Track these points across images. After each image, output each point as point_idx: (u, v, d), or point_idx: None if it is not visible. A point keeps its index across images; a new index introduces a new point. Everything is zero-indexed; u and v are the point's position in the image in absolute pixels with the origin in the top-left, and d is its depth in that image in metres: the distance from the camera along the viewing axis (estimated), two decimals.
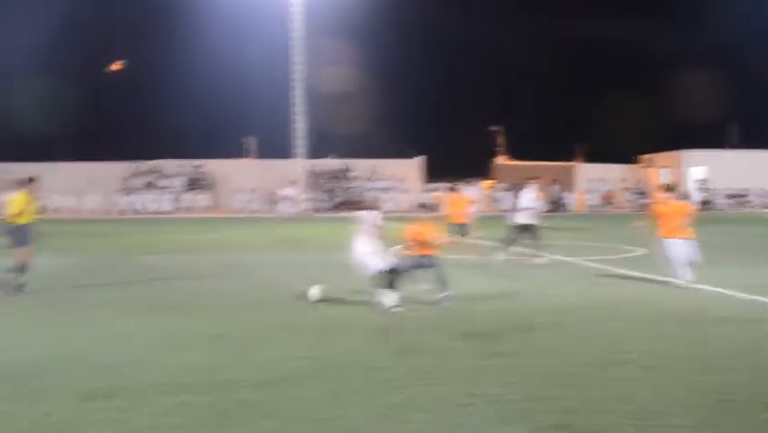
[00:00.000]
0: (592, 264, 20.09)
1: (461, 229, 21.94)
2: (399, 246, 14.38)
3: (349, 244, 14.02)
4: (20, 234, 15.85)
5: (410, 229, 13.80)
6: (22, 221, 15.91)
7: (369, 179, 58.56)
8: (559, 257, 20.87)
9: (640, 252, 22.66)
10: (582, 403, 7.81)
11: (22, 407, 7.77)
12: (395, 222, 14.43)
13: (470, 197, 24.37)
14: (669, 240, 15.63)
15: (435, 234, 13.87)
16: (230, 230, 36.60)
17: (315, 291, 14.30)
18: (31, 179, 16.48)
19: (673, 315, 12.71)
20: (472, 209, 23.59)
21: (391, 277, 13.39)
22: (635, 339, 10.91)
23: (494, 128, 73.37)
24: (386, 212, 14.56)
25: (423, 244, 13.65)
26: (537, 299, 14.45)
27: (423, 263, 13.68)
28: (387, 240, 14.22)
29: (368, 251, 13.64)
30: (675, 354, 9.94)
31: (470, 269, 18.72)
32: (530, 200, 20.92)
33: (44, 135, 61.74)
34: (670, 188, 16.87)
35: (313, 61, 53.18)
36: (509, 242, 20.92)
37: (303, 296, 14.28)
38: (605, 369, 9.19)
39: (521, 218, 20.77)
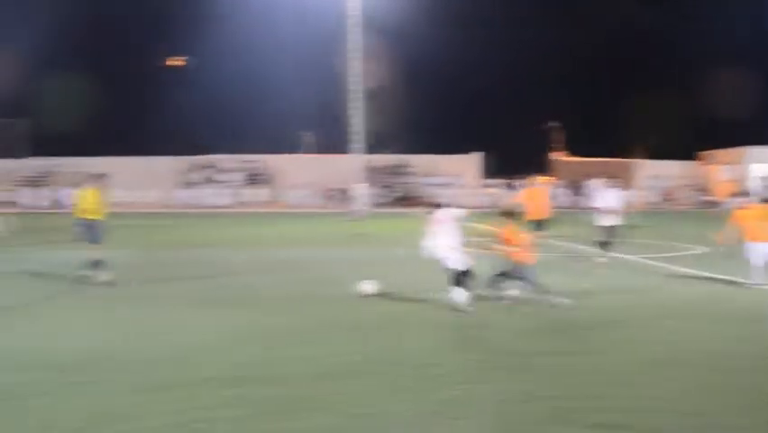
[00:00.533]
0: (652, 262, 19.79)
1: (540, 226, 21.17)
2: (486, 247, 14.02)
3: (414, 239, 13.96)
4: (92, 230, 16.04)
5: (502, 233, 13.42)
6: (92, 217, 16.11)
7: (426, 175, 58.49)
8: (619, 255, 20.60)
9: (700, 250, 22.28)
10: (639, 403, 7.70)
11: (83, 397, 7.92)
12: (476, 221, 14.18)
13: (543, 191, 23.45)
14: (753, 243, 15.31)
15: (525, 238, 13.57)
16: (288, 225, 36.84)
17: (367, 287, 14.28)
18: (100, 176, 16.68)
19: (734, 315, 12.48)
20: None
21: (465, 277, 13.07)
22: (694, 339, 10.73)
23: (551, 124, 72.74)
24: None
25: (515, 248, 13.29)
26: (596, 298, 14.27)
27: (515, 269, 13.30)
28: (472, 239, 13.92)
29: (450, 247, 13.14)
30: (734, 355, 9.77)
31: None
32: (615, 199, 20.49)
33: (105, 130, 62.82)
34: (765, 200, 16.48)
35: (370, 56, 53.24)
36: (607, 243, 20.45)
37: (357, 291, 14.29)
38: (663, 368, 9.05)
39: (608, 219, 20.33)
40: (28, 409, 7.52)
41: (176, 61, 70.87)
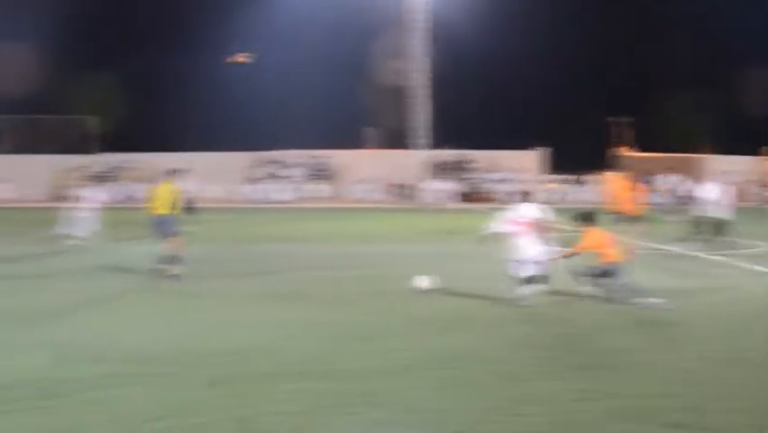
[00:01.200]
0: (718, 258, 19.52)
1: (631, 220, 20.75)
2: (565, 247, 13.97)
3: (481, 235, 14.00)
4: (167, 225, 16.26)
5: (592, 236, 13.18)
6: (167, 212, 16.30)
7: (488, 171, 58.27)
8: (683, 251, 20.35)
9: (764, 247, 21.90)
10: (702, 402, 7.66)
11: (154, 389, 8.12)
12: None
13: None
14: None
15: (610, 237, 13.43)
16: (351, 220, 36.98)
17: (422, 282, 14.30)
18: (174, 171, 16.94)
19: None
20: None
21: (538, 274, 12.98)
22: (761, 337, 10.61)
23: (618, 119, 71.85)
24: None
25: (605, 250, 13.10)
26: (661, 295, 14.12)
27: (606, 271, 13.09)
28: (551, 236, 13.92)
29: (530, 244, 12.96)
30: None
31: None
32: (718, 194, 20.22)
33: (172, 127, 63.69)
34: None
35: (432, 51, 53.21)
36: (710, 237, 20.21)
37: (413, 286, 14.36)
38: (727, 367, 8.99)
39: (715, 213, 20.04)
40: (106, 399, 7.74)
41: (239, 58, 71.62)
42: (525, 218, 13.19)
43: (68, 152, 58.92)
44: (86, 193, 23.95)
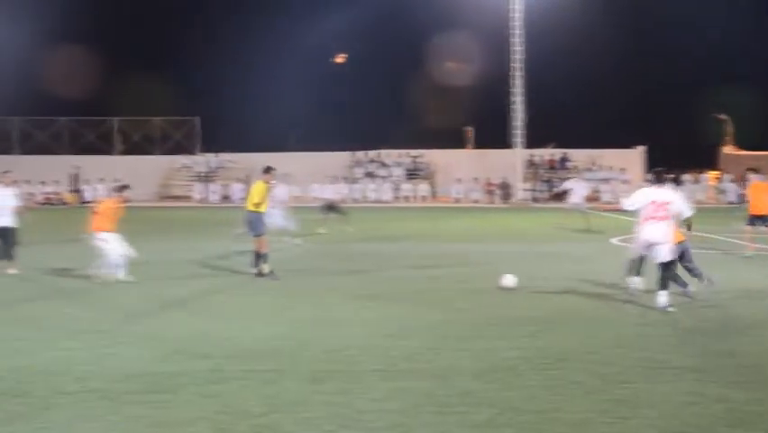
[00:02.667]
0: None
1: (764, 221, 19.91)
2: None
3: (580, 233, 13.88)
4: (259, 223, 16.45)
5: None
6: (261, 210, 16.51)
7: (588, 170, 57.40)
8: None
9: None
10: None
11: (255, 385, 8.27)
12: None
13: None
14: None
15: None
16: (449, 219, 36.94)
17: (508, 280, 14.19)
18: (268, 169, 17.20)
19: None
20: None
21: (670, 267, 12.49)
22: None
23: (721, 116, 69.85)
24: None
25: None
26: None
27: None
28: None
29: (664, 233, 12.32)
30: None
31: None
32: None
33: (273, 127, 64.65)
34: None
35: (532, 49, 52.77)
36: None
37: (521, 286, 14.26)
38: None
39: None
40: (214, 394, 7.92)
41: (339, 58, 72.29)
42: (659, 202, 12.42)
43: (174, 152, 60.45)
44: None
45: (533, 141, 55.31)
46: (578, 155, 57.97)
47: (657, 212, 12.30)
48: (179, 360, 9.34)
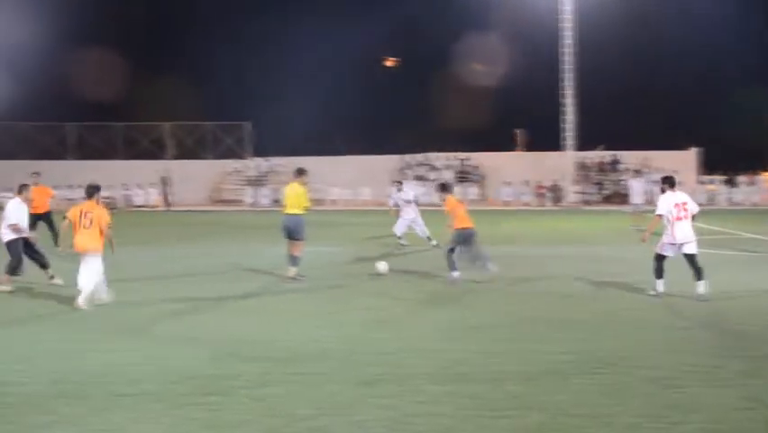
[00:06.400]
0: None
1: None
2: None
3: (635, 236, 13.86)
4: (295, 226, 16.43)
5: None
6: (295, 212, 16.46)
7: (640, 172, 56.76)
8: None
9: None
10: None
11: (304, 388, 8.34)
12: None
13: None
14: None
15: None
16: (499, 222, 36.79)
17: (381, 267, 15.77)
18: (302, 171, 17.12)
19: None
20: None
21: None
22: None
23: None
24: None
25: None
26: None
27: None
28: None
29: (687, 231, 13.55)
30: None
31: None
32: None
33: (321, 130, 64.94)
34: None
35: (583, 49, 52.35)
36: None
37: (575, 289, 14.18)
38: None
39: None
40: (265, 397, 8.01)
41: (388, 62, 72.38)
42: (680, 203, 13.52)
43: (225, 156, 61.05)
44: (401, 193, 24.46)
45: (583, 143, 54.89)
46: (629, 157, 57.35)
47: (681, 212, 13.47)
48: (229, 363, 9.45)
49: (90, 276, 13.04)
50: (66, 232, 13.63)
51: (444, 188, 17.13)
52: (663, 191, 13.92)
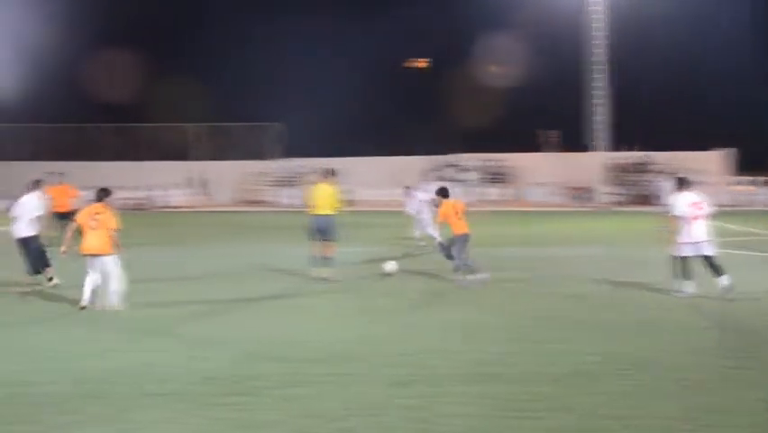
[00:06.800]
0: None
1: None
2: None
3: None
4: (326, 227, 16.42)
5: None
6: (326, 213, 16.47)
7: (669, 173, 56.29)
8: None
9: None
10: None
11: (333, 388, 8.37)
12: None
13: None
14: None
15: None
16: (528, 223, 36.66)
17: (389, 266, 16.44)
18: (330, 171, 17.11)
19: None
20: None
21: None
22: None
23: None
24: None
25: None
26: None
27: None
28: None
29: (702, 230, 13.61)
30: None
31: None
32: None
33: (350, 131, 65.08)
34: None
35: (615, 49, 52.09)
36: None
37: (600, 290, 14.06)
38: None
39: None
40: (294, 397, 8.04)
41: (419, 63, 72.38)
42: (696, 202, 13.62)
43: (253, 157, 61.24)
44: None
45: (615, 143, 54.56)
46: (661, 158, 56.88)
47: (697, 211, 13.56)
48: (257, 363, 9.49)
49: (117, 277, 13.05)
50: (71, 234, 13.59)
51: (443, 192, 17.01)
52: (677, 192, 13.91)
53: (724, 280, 13.29)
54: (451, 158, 59.86)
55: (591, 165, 53.04)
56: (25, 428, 7.29)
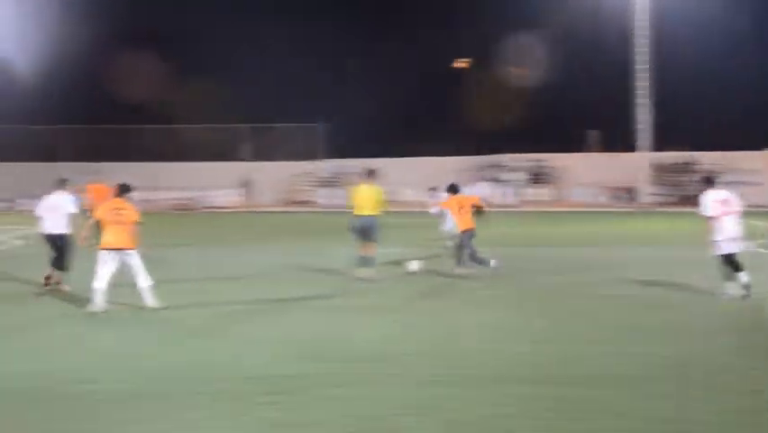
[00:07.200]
0: None
1: None
2: None
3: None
4: (370, 227, 16.52)
5: None
6: (369, 213, 16.55)
7: (717, 173, 55.70)
8: None
9: None
10: None
11: (376, 388, 8.41)
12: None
13: None
14: None
15: None
16: (572, 224, 36.52)
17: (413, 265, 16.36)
18: (371, 172, 17.23)
19: None
20: None
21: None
22: None
23: None
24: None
25: None
26: None
27: None
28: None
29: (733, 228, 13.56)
30: None
31: None
32: None
33: (395, 132, 65.16)
34: None
35: (659, 48, 51.58)
36: None
37: (647, 292, 14.06)
38: None
39: None
40: (334, 397, 8.10)
41: (461, 63, 72.16)
42: (726, 199, 13.62)
43: (298, 158, 61.57)
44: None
45: (662, 143, 54.04)
46: (708, 158, 56.28)
47: (726, 207, 13.56)
48: (301, 362, 9.57)
49: (143, 272, 13.10)
50: (90, 230, 13.78)
51: (452, 188, 17.63)
52: (704, 191, 13.92)
53: (746, 277, 13.32)
54: (494, 158, 59.78)
55: (636, 165, 52.60)
56: (84, 426, 7.44)
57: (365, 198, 16.72)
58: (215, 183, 57.60)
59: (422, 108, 67.26)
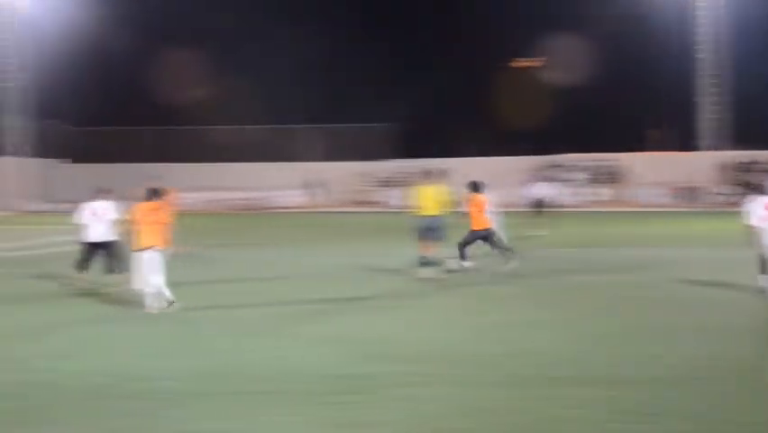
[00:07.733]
0: None
1: None
2: None
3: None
4: (434, 227, 16.60)
5: None
6: (436, 213, 16.64)
7: None
8: None
9: None
10: None
11: (441, 389, 8.47)
12: None
13: None
14: None
15: None
16: (634, 224, 36.14)
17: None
18: (433, 172, 17.36)
19: None
20: None
21: None
22: None
23: None
24: None
25: None
26: None
27: None
28: None
29: None
30: None
31: None
32: None
33: (449, 131, 65.20)
34: None
35: (726, 47, 50.96)
36: None
37: (703, 293, 14.10)
38: None
39: None
40: (407, 397, 8.15)
41: (528, 63, 71.94)
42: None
43: (363, 158, 61.88)
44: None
45: (731, 143, 53.27)
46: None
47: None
48: (365, 362, 9.67)
49: (160, 274, 13.22)
50: (126, 233, 14.01)
51: (474, 186, 17.70)
52: (754, 198, 14.06)
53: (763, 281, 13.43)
54: (557, 158, 59.49)
55: (702, 165, 52.02)
56: (143, 422, 7.56)
57: (428, 199, 16.81)
58: (281, 183, 58.20)
59: (484, 108, 67.06)
